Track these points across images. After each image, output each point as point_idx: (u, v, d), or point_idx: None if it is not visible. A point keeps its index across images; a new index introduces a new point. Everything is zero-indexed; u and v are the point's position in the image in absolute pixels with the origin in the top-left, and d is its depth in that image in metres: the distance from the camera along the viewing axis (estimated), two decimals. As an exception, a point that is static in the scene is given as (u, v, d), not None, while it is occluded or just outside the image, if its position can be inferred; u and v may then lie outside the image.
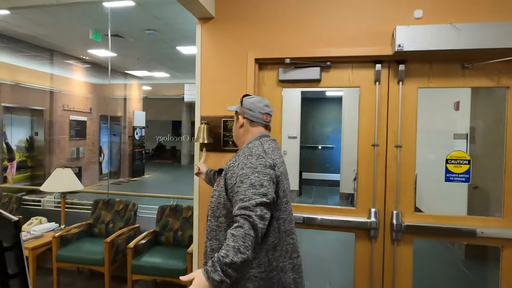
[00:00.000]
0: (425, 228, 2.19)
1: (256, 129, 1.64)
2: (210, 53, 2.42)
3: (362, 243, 2.32)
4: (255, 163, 1.43)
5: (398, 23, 2.11)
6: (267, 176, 1.41)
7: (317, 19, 2.25)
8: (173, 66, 9.54)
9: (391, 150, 2.26)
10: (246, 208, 1.31)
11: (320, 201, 7.77)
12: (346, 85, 2.32)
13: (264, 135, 1.63)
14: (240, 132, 1.66)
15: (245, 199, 1.34)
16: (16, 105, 7.57)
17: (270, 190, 1.39)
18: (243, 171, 1.42)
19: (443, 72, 2.20)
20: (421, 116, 2.26)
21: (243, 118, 1.64)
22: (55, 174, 3.50)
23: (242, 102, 1.66)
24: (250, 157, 1.46)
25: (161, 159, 16.82)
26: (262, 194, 1.35)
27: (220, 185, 1.52)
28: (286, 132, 7.55)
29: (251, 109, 1.63)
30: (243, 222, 1.29)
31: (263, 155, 1.48)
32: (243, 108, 1.65)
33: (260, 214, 1.31)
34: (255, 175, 1.39)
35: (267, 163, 1.44)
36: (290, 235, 1.55)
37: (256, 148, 1.51)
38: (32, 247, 3.12)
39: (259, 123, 1.64)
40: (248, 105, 1.64)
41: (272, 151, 1.54)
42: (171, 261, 2.95)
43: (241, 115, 1.65)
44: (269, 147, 1.55)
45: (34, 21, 6.01)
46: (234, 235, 1.27)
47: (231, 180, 1.45)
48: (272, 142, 1.60)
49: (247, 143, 1.59)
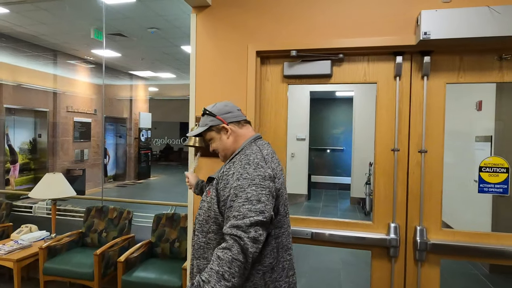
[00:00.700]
0: (455, 247, 1.87)
1: (246, 129, 1.43)
2: (206, 46, 2.14)
3: (379, 262, 2.00)
4: (252, 173, 1.22)
5: (423, 7, 1.80)
6: (265, 190, 1.20)
7: (328, 4, 1.96)
8: (178, 66, 9.33)
9: (414, 156, 1.95)
10: (238, 228, 1.13)
11: (330, 205, 7.45)
12: (361, 81, 2.02)
13: (258, 137, 1.43)
14: (229, 143, 1.41)
15: (238, 216, 1.15)
16: (18, 107, 7.43)
17: (269, 206, 1.19)
18: (239, 182, 1.21)
19: (476, 64, 1.88)
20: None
21: (228, 124, 1.40)
22: (45, 179, 3.27)
23: (212, 113, 1.41)
24: (248, 166, 1.24)
25: (168, 161, 16.66)
26: (259, 211, 1.15)
27: (211, 195, 1.31)
28: (294, 134, 7.28)
29: (229, 111, 1.42)
30: (231, 244, 1.11)
31: (262, 164, 1.26)
32: (220, 116, 1.40)
33: (254, 236, 1.12)
34: (252, 188, 1.19)
35: (266, 174, 1.23)
36: (287, 251, 1.35)
37: (254, 155, 1.29)
38: (17, 259, 2.89)
39: (244, 121, 1.44)
40: (222, 110, 1.41)
41: (271, 158, 1.33)
42: (166, 276, 2.68)
43: (223, 124, 1.40)
44: (268, 153, 1.34)
45: (34, 19, 5.84)
46: (219, 258, 1.11)
47: (224, 192, 1.25)
48: (269, 147, 1.40)
49: (241, 148, 1.36)
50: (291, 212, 1.72)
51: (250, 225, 1.12)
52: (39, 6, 5.14)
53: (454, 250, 1.88)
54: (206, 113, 1.42)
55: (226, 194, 1.23)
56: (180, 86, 12.04)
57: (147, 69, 10.13)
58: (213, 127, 1.41)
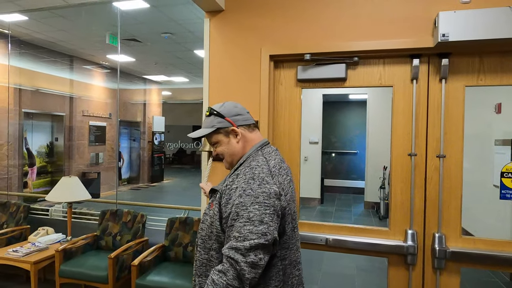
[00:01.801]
0: (476, 256, 1.81)
1: (255, 133, 1.32)
2: (219, 50, 2.14)
3: (396, 270, 1.95)
4: (256, 190, 1.13)
5: (440, 8, 1.76)
6: (270, 209, 1.11)
7: (342, 7, 1.93)
8: (191, 70, 9.41)
9: (432, 161, 1.90)
10: (237, 250, 1.06)
11: (344, 209, 7.35)
12: (376, 85, 1.98)
13: (265, 143, 1.31)
14: (237, 148, 1.29)
15: (239, 238, 1.08)
16: (36, 111, 7.61)
17: (272, 228, 1.10)
18: (241, 199, 1.13)
19: (497, 66, 1.82)
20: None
21: (238, 127, 1.28)
22: (61, 183, 3.32)
23: (221, 114, 1.28)
24: (252, 182, 1.15)
25: (181, 164, 16.78)
26: (261, 233, 1.07)
27: (213, 209, 1.22)
28: (307, 137, 7.22)
29: (239, 113, 1.30)
30: (227, 268, 1.06)
31: (268, 179, 1.16)
32: (230, 118, 1.28)
33: (253, 261, 1.05)
34: (255, 207, 1.10)
35: (271, 191, 1.14)
36: (296, 266, 1.26)
37: (260, 168, 1.19)
38: (34, 261, 2.93)
39: (254, 125, 1.33)
40: (232, 111, 1.29)
41: (278, 169, 1.23)
42: (179, 280, 2.68)
43: (232, 126, 1.27)
44: (275, 164, 1.24)
45: (52, 26, 5.99)
46: (214, 283, 1.07)
47: (226, 208, 1.17)
48: (276, 155, 1.29)
49: (246, 158, 1.26)
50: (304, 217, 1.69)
51: (250, 248, 1.05)
52: (56, 13, 5.26)
53: (475, 259, 1.82)
54: (214, 113, 1.29)
55: (228, 211, 1.16)
56: (193, 90, 12.14)
57: (160, 73, 10.25)
58: (221, 129, 1.28)
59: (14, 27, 6.10)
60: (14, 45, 6.72)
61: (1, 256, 3.03)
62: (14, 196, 5.72)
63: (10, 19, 5.63)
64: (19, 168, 7.06)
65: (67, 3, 4.35)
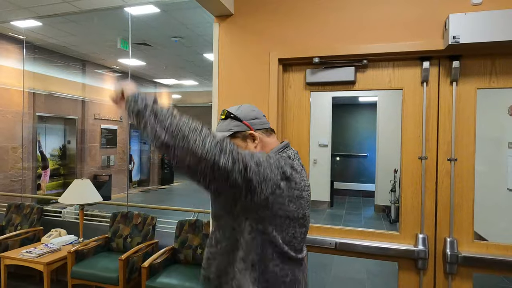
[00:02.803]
0: (489, 261, 1.78)
1: (272, 138, 1.26)
2: (229, 54, 2.16)
3: (407, 275, 1.93)
4: (272, 156, 1.10)
5: (451, 10, 1.75)
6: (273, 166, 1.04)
7: (351, 10, 1.93)
8: (201, 73, 9.49)
9: (443, 164, 1.87)
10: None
11: (354, 213, 7.29)
12: (386, 87, 1.97)
13: (286, 145, 1.25)
14: None
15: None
16: (50, 114, 7.77)
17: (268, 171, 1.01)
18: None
19: (510, 68, 1.79)
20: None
21: (256, 131, 1.22)
22: (73, 185, 3.38)
23: (238, 117, 1.22)
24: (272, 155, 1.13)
25: (190, 166, 16.84)
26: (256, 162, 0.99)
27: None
28: (316, 140, 7.20)
29: (256, 117, 1.24)
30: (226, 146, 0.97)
31: (285, 165, 1.09)
32: (247, 122, 1.21)
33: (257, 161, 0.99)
34: (262, 154, 1.06)
35: (282, 165, 1.08)
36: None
37: (281, 158, 1.12)
38: (47, 262, 2.99)
39: (271, 129, 1.28)
40: (249, 115, 1.23)
41: (301, 169, 1.17)
42: (188, 283, 2.70)
43: (250, 130, 1.21)
44: (298, 163, 1.18)
45: (64, 31, 6.12)
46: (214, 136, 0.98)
47: None
48: (297, 158, 1.22)
49: None
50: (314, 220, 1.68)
51: (252, 155, 0.99)
52: (69, 18, 5.38)
53: (488, 264, 1.79)
54: (231, 117, 1.22)
55: None
56: (202, 93, 12.22)
57: (170, 76, 10.35)
58: (238, 133, 1.20)
59: (28, 33, 6.25)
60: (29, 50, 6.88)
61: (16, 257, 3.10)
62: (28, 198, 5.84)
63: (25, 25, 5.77)
64: (32, 170, 7.21)
65: (79, 9, 4.44)
